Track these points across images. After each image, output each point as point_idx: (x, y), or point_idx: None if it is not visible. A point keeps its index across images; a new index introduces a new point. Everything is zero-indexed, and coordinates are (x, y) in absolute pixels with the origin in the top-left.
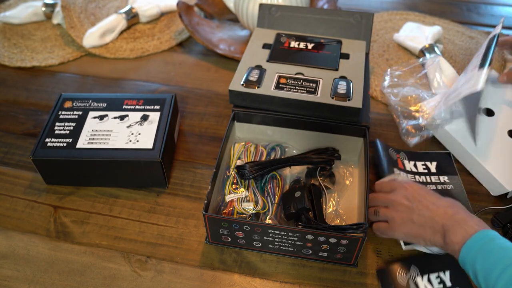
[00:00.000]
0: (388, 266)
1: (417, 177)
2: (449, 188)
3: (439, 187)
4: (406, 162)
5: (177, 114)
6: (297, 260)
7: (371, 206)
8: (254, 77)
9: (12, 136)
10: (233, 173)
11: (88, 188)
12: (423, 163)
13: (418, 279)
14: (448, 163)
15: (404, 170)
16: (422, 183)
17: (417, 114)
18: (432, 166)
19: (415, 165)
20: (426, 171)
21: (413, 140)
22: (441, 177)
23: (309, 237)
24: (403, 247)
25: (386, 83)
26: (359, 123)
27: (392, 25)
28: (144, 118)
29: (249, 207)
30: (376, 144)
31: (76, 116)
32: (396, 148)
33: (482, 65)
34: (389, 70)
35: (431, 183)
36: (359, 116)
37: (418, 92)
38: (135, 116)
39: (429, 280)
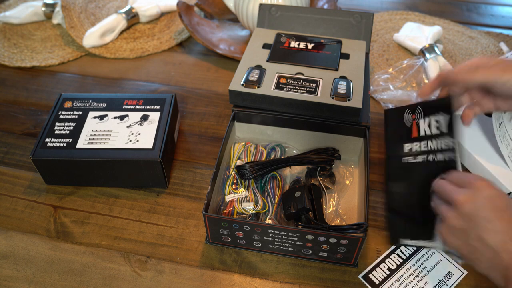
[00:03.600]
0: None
1: (429, 143)
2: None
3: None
4: (421, 122)
5: (177, 114)
6: (297, 260)
7: (436, 194)
8: (254, 77)
9: (12, 136)
10: (233, 173)
11: (88, 188)
12: (436, 118)
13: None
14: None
15: (418, 138)
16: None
17: None
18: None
19: (429, 125)
20: (438, 131)
21: None
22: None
23: (309, 237)
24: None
25: (372, 87)
26: (359, 123)
27: (392, 25)
28: (144, 118)
29: (249, 207)
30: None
31: (76, 116)
32: (412, 106)
33: None
34: (375, 75)
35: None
36: (359, 116)
37: (412, 94)
38: (135, 116)
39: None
